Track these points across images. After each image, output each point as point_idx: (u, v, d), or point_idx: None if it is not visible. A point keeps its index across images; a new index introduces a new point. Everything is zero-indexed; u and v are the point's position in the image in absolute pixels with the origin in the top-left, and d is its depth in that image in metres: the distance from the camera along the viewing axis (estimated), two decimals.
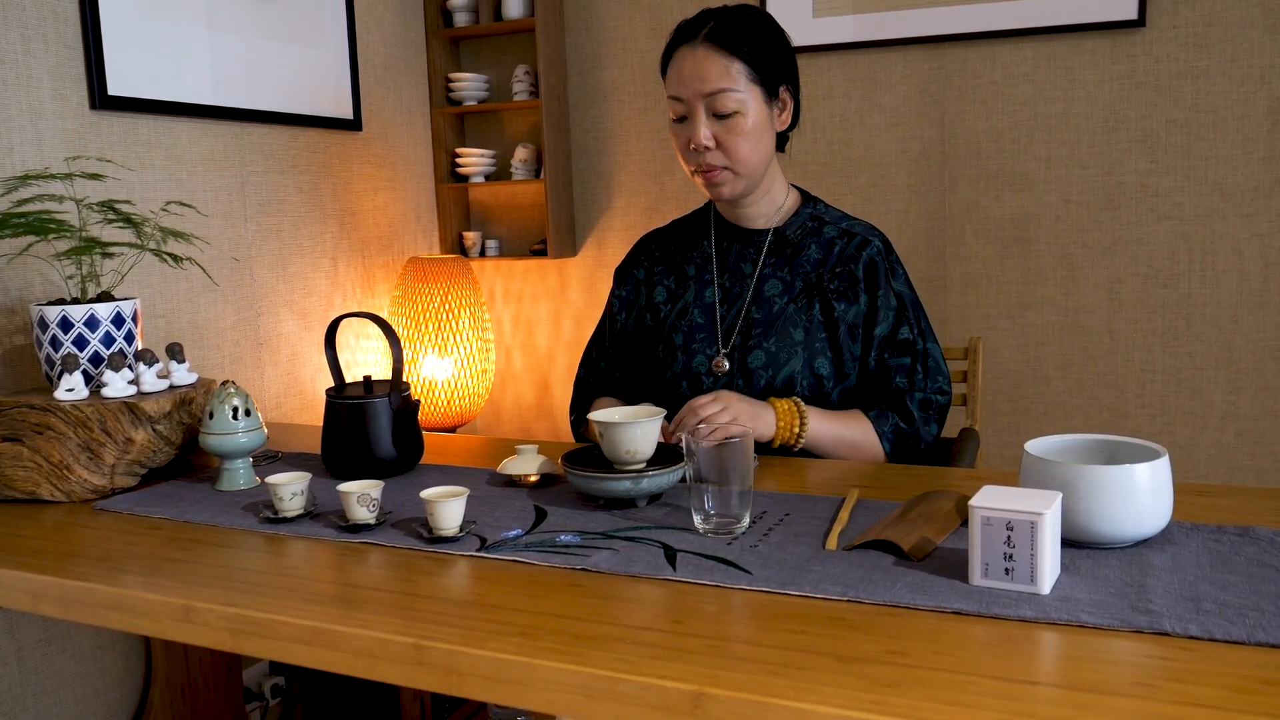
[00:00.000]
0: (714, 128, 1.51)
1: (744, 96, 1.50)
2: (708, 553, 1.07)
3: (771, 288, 1.59)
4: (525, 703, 0.86)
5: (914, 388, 1.54)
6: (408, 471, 1.46)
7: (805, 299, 1.58)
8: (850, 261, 1.58)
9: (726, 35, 1.50)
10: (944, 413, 1.57)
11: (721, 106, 1.49)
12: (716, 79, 1.49)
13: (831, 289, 1.57)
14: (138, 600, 1.05)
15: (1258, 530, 1.07)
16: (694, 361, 1.60)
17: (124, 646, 1.96)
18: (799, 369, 1.54)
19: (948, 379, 1.58)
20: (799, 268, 1.59)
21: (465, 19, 2.87)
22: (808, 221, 1.63)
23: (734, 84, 1.49)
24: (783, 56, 1.55)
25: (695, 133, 1.51)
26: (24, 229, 1.54)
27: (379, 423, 1.42)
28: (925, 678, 0.79)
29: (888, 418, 1.53)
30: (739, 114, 1.50)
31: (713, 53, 1.49)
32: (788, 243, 1.61)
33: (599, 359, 1.75)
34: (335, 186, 2.54)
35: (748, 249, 1.63)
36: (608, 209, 2.90)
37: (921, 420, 1.54)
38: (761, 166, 1.56)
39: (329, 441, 1.45)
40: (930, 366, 1.56)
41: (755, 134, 1.52)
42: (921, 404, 1.54)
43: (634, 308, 1.71)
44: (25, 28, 1.79)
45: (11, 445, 1.41)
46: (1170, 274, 2.38)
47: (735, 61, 1.49)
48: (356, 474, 1.40)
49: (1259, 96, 2.26)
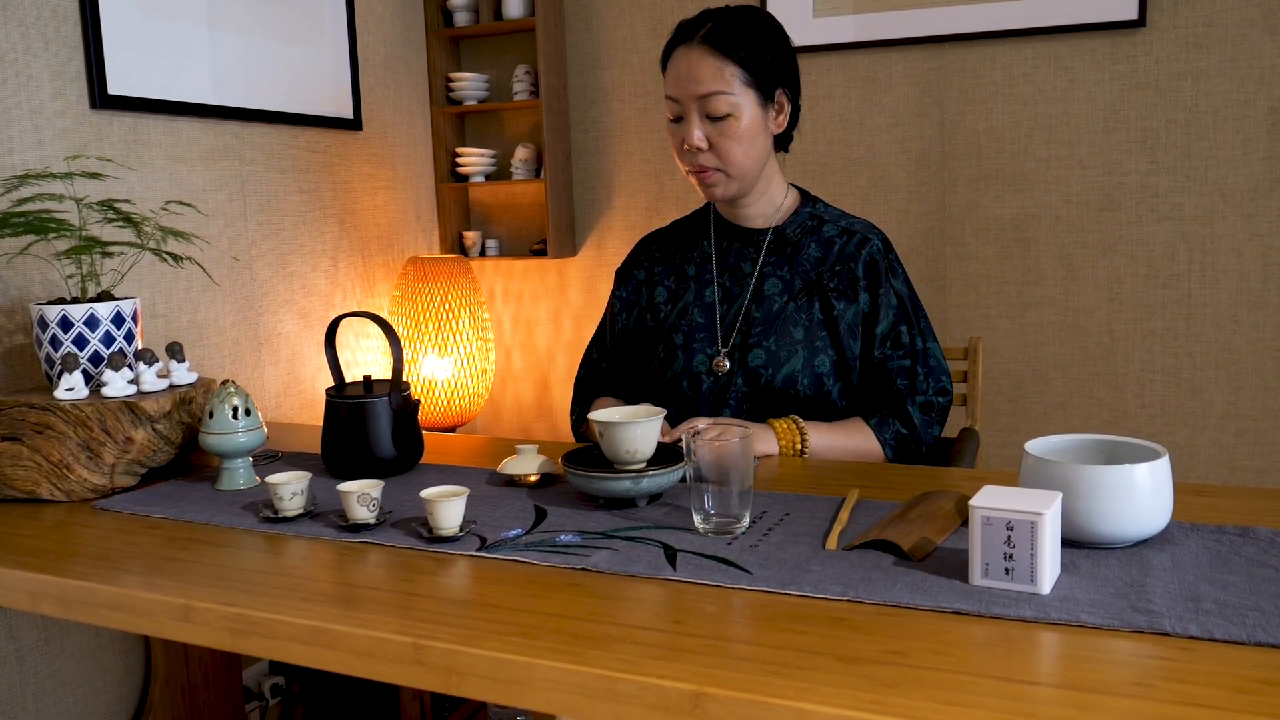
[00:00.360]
0: (707, 129, 1.51)
1: (738, 100, 1.49)
2: (708, 552, 1.07)
3: (771, 286, 1.59)
4: (525, 702, 0.86)
5: (915, 390, 1.54)
6: (407, 471, 1.46)
7: (805, 297, 1.58)
8: (850, 260, 1.57)
9: (723, 37, 1.49)
10: (945, 413, 1.57)
11: (714, 109, 1.49)
12: (710, 81, 1.48)
13: (831, 287, 1.57)
14: (137, 600, 1.05)
15: (1258, 530, 1.07)
16: (694, 361, 1.60)
17: (123, 646, 1.96)
18: (799, 367, 1.54)
19: (949, 378, 1.58)
20: (799, 266, 1.59)
21: (465, 18, 2.87)
22: (807, 220, 1.63)
23: (728, 87, 1.48)
24: (781, 60, 1.54)
25: (689, 134, 1.51)
26: (24, 228, 1.54)
27: (379, 422, 1.42)
28: (925, 678, 0.79)
29: (889, 424, 1.53)
30: (732, 117, 1.49)
31: (708, 55, 1.49)
32: (787, 241, 1.61)
33: (599, 360, 1.75)
34: (335, 186, 2.54)
35: (747, 248, 1.63)
36: (608, 209, 2.90)
37: (923, 424, 1.54)
38: (755, 168, 1.55)
39: (329, 441, 1.45)
40: (932, 367, 1.56)
41: (748, 137, 1.51)
42: (923, 407, 1.54)
43: (634, 308, 1.71)
44: (25, 27, 1.79)
45: (11, 445, 1.41)
46: (1170, 274, 2.38)
47: (730, 64, 1.49)
48: (356, 474, 1.40)
49: (1259, 97, 2.26)
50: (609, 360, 1.73)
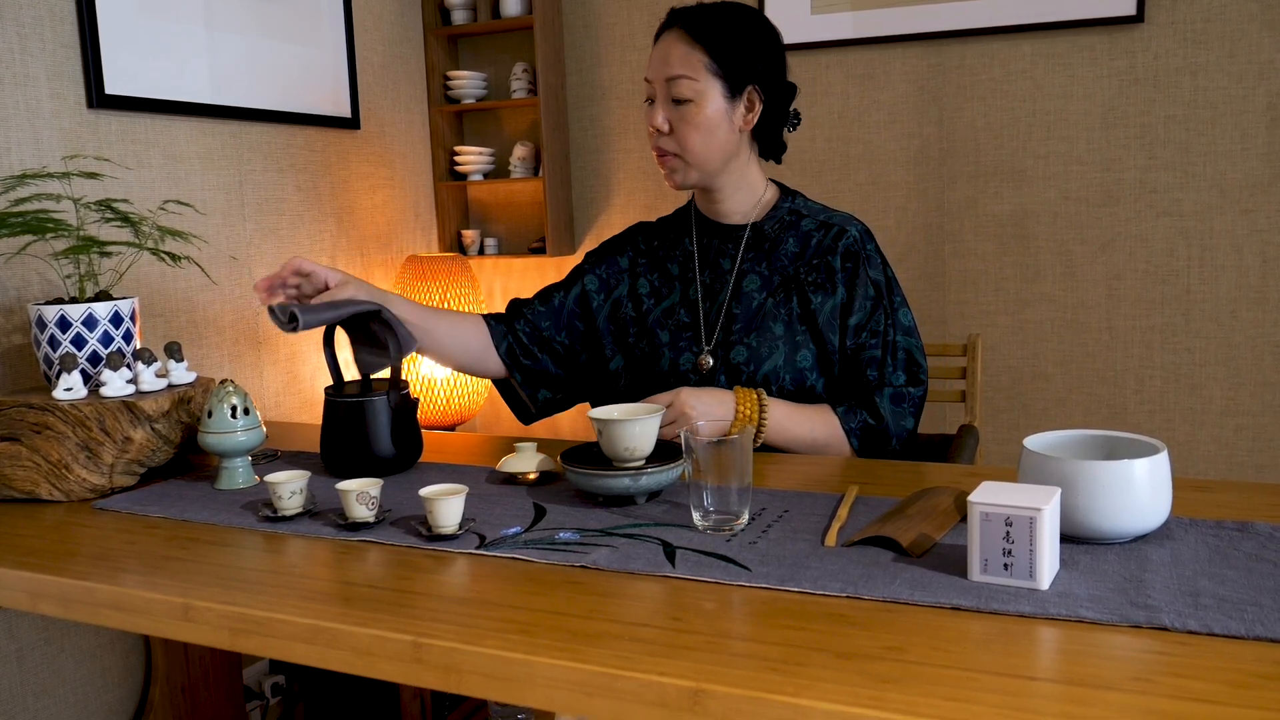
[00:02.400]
0: (670, 113, 1.53)
1: (701, 87, 1.51)
2: (707, 549, 1.07)
3: (750, 283, 1.60)
4: (524, 700, 0.86)
5: (884, 382, 1.53)
6: (407, 469, 1.46)
7: (783, 293, 1.58)
8: (827, 253, 1.57)
9: (697, 24, 1.52)
10: (918, 405, 1.55)
11: (678, 92, 1.51)
12: (676, 64, 1.51)
13: (809, 281, 1.57)
14: (137, 599, 1.05)
15: (1257, 525, 1.07)
16: (680, 359, 1.60)
17: (123, 646, 1.97)
18: (780, 363, 1.54)
19: (924, 369, 1.56)
20: (776, 262, 1.60)
21: (463, 17, 2.87)
22: (785, 216, 1.63)
23: (693, 72, 1.51)
24: (758, 56, 1.54)
25: (653, 115, 1.54)
26: (21, 228, 1.54)
27: (378, 421, 1.42)
28: (924, 673, 0.79)
29: (856, 414, 1.52)
30: (693, 103, 1.51)
31: (679, 40, 1.52)
32: (765, 237, 1.62)
33: (536, 320, 1.69)
34: (333, 185, 2.54)
35: (726, 244, 1.64)
36: (606, 207, 2.90)
37: (893, 416, 1.51)
38: (715, 159, 1.56)
39: (328, 440, 1.45)
40: (900, 359, 1.54)
41: (707, 127, 1.52)
42: (893, 398, 1.52)
43: (611, 292, 1.69)
44: (22, 26, 1.79)
45: (10, 445, 1.41)
46: (1169, 270, 2.38)
47: (697, 50, 1.51)
48: (356, 472, 1.40)
49: (1258, 92, 2.26)
50: (542, 323, 1.68)
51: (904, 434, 1.53)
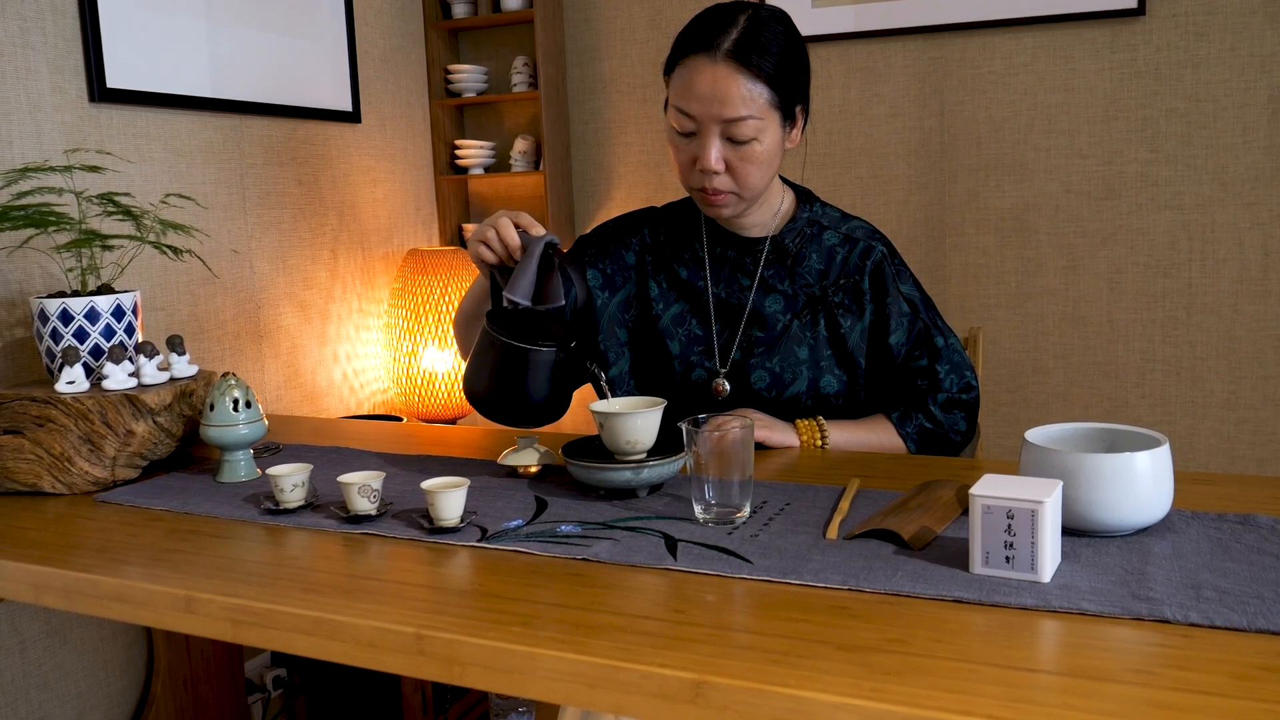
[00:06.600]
0: (726, 152, 1.39)
1: (764, 123, 1.38)
2: (708, 542, 1.08)
3: (773, 303, 1.52)
4: (526, 692, 0.86)
5: (936, 389, 1.49)
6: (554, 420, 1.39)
7: (809, 314, 1.51)
8: (855, 272, 1.50)
9: (752, 53, 1.36)
10: (971, 409, 1.51)
11: (739, 133, 1.37)
12: (739, 104, 1.36)
13: (836, 302, 1.50)
14: (139, 591, 1.05)
15: (1258, 518, 1.07)
16: (693, 375, 1.55)
17: (126, 639, 1.97)
18: (803, 389, 1.49)
19: (973, 373, 1.52)
20: (800, 280, 1.52)
21: (464, 10, 2.87)
22: (805, 227, 1.54)
23: (757, 111, 1.37)
24: (804, 73, 1.45)
25: (705, 155, 1.39)
26: (23, 222, 1.54)
27: (539, 371, 1.33)
28: (926, 666, 0.79)
29: (912, 419, 1.49)
30: (755, 141, 1.38)
31: (735, 73, 1.35)
32: (786, 252, 1.53)
33: None
34: (334, 178, 2.53)
35: (744, 258, 1.54)
36: (607, 200, 2.90)
37: (948, 422, 1.49)
38: (765, 187, 1.46)
39: (481, 376, 1.35)
40: (955, 362, 1.50)
41: (768, 160, 1.41)
42: (944, 405, 1.49)
43: (615, 290, 1.60)
44: (24, 20, 1.79)
45: (13, 438, 1.41)
46: (1170, 263, 2.37)
47: (758, 84, 1.36)
48: (511, 414, 1.34)
49: (1259, 85, 2.25)
50: None
51: (959, 437, 1.50)
